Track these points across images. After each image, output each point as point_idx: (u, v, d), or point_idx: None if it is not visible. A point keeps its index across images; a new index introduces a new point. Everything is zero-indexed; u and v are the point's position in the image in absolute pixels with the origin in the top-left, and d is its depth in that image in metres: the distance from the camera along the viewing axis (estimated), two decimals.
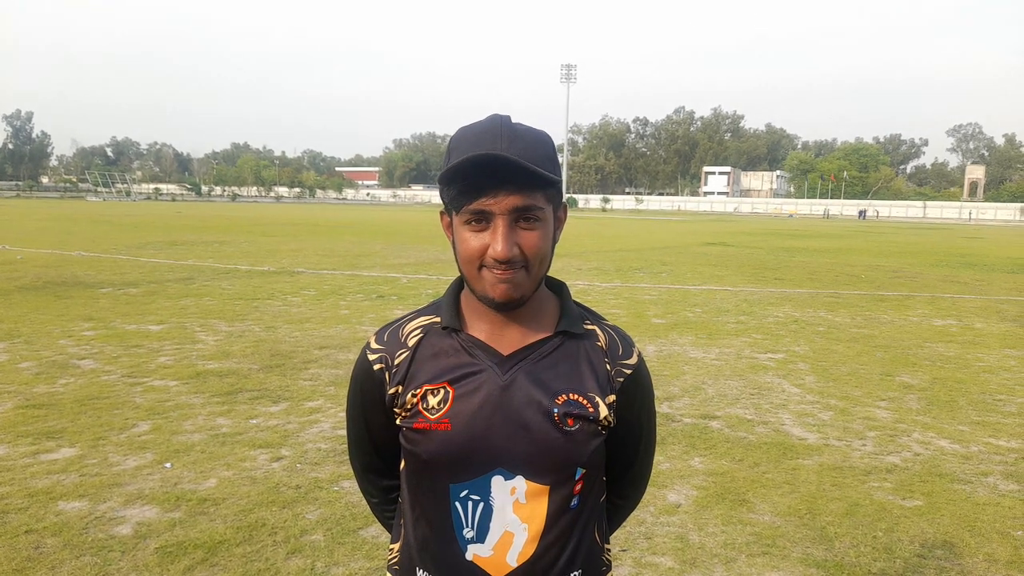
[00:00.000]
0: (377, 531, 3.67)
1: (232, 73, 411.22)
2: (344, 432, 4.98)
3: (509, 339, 1.23)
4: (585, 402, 1.21)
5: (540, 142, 1.15)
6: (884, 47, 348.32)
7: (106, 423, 5.20)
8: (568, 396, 1.20)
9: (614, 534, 1.46)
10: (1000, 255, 25.31)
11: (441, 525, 1.23)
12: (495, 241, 1.12)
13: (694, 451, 4.99)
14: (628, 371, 1.28)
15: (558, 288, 1.32)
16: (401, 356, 1.25)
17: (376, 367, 1.27)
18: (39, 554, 3.37)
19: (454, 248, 1.20)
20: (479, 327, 1.24)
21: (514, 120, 1.17)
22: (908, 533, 3.84)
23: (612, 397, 1.24)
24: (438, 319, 1.27)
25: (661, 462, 4.76)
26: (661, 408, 5.94)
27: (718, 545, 3.67)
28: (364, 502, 4.00)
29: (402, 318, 1.33)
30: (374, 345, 1.29)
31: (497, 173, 1.10)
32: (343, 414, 5.59)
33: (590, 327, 1.29)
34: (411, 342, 1.26)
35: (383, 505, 1.44)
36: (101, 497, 3.99)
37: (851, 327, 10.01)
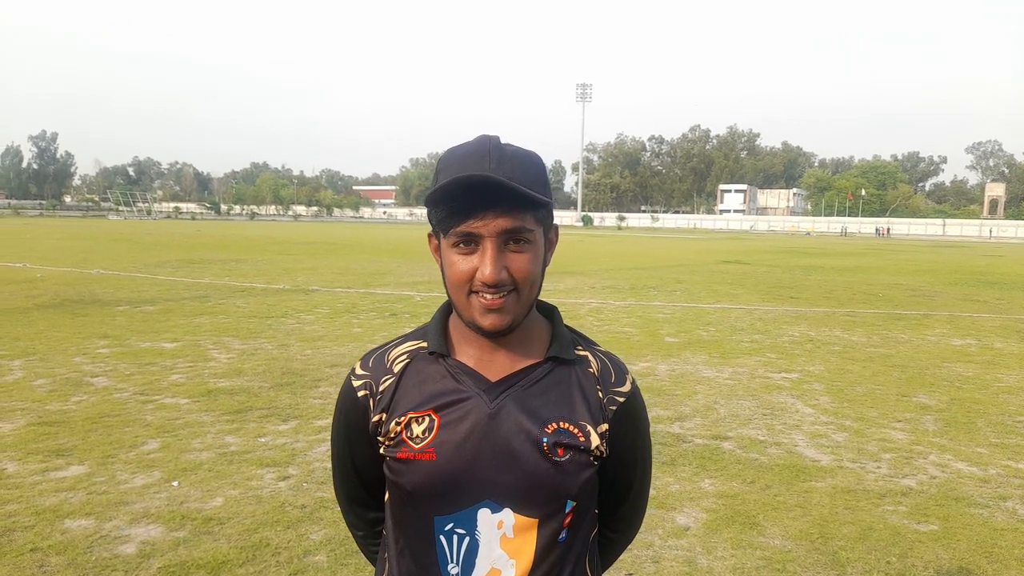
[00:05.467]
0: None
1: (252, 93, 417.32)
2: None
3: (498, 365, 1.19)
4: (576, 431, 1.17)
5: (529, 163, 1.12)
6: (901, 64, 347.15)
7: (116, 441, 5.22)
8: (558, 425, 1.16)
9: (608, 571, 1.40)
10: (1021, 273, 24.95)
11: (425, 560, 1.18)
12: (483, 264, 1.09)
13: (704, 472, 4.92)
14: (621, 399, 1.23)
15: (549, 312, 1.28)
16: (386, 382, 1.22)
17: (360, 393, 1.23)
18: (43, 572, 3.37)
19: (442, 271, 1.18)
20: (467, 352, 1.20)
21: (503, 140, 1.14)
22: (923, 559, 3.75)
23: (604, 426, 1.20)
24: (425, 344, 1.24)
25: (670, 483, 4.70)
26: (672, 428, 5.88)
27: (727, 569, 3.61)
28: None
29: (389, 343, 1.29)
30: (359, 371, 1.26)
31: (485, 195, 1.07)
32: None
33: (582, 353, 1.25)
34: (396, 368, 1.22)
35: (369, 539, 1.39)
36: (107, 515, 3.99)
37: (867, 347, 9.88)
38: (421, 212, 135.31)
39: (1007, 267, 28.65)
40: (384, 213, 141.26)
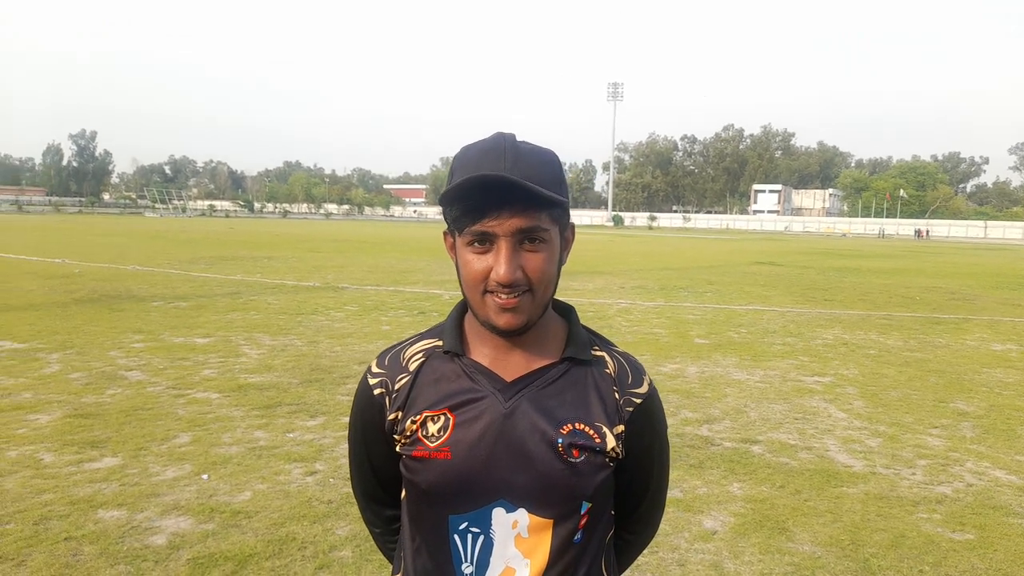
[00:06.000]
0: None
1: (286, 92, 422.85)
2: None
3: (513, 365, 1.18)
4: (591, 432, 1.16)
5: (544, 162, 1.11)
6: (941, 62, 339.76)
7: (148, 434, 5.31)
8: (574, 426, 1.15)
9: (625, 572, 1.39)
10: None
11: (440, 558, 1.18)
12: (498, 264, 1.08)
13: (733, 476, 4.85)
14: (638, 400, 1.22)
15: (566, 312, 1.26)
16: (402, 381, 1.22)
17: (376, 392, 1.23)
18: (76, 561, 3.44)
19: (457, 270, 1.17)
20: (482, 352, 1.20)
21: (519, 138, 1.13)
22: (957, 568, 3.65)
23: (620, 427, 1.19)
24: (441, 343, 1.24)
25: (698, 487, 4.64)
26: (701, 431, 5.81)
27: (754, 575, 3.55)
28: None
29: (404, 341, 1.29)
30: (375, 369, 1.26)
31: (500, 194, 1.06)
32: None
33: (598, 353, 1.24)
34: (412, 366, 1.23)
35: (386, 536, 1.40)
36: (139, 507, 4.06)
37: (904, 351, 9.67)
38: None
39: None
40: (414, 212, 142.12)
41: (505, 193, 1.06)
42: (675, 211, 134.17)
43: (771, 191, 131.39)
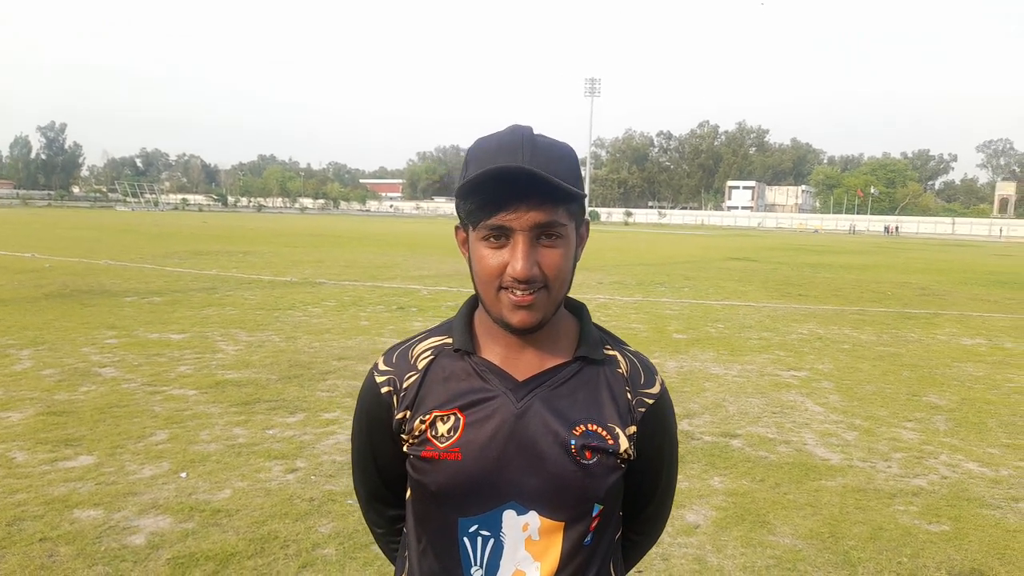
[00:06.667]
0: None
1: (261, 85, 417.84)
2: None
3: (525, 364, 1.16)
4: (604, 433, 1.14)
5: (563, 155, 1.09)
6: (911, 61, 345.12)
7: (124, 431, 5.22)
8: (586, 426, 1.13)
9: (629, 573, 1.38)
10: None
11: (448, 561, 1.16)
12: (514, 259, 1.06)
13: (714, 470, 4.90)
14: (650, 401, 1.20)
15: (577, 310, 1.24)
16: (410, 379, 1.19)
17: (384, 390, 1.20)
18: (52, 562, 3.37)
19: (470, 266, 1.15)
20: (493, 350, 1.18)
21: (536, 132, 1.11)
22: (934, 559, 3.72)
23: (633, 428, 1.17)
24: (450, 340, 1.21)
25: (680, 481, 4.65)
26: (681, 425, 5.85)
27: (737, 568, 3.58)
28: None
29: (412, 338, 1.26)
30: (382, 367, 1.23)
31: (518, 187, 1.04)
32: None
33: (611, 352, 1.22)
34: (421, 364, 1.20)
35: (389, 536, 1.37)
36: (116, 506, 4.00)
37: (877, 345, 9.82)
38: (427, 206, 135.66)
39: (1017, 266, 28.47)
40: (391, 206, 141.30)
41: (524, 186, 1.04)
42: (651, 207, 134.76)
43: (745, 187, 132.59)
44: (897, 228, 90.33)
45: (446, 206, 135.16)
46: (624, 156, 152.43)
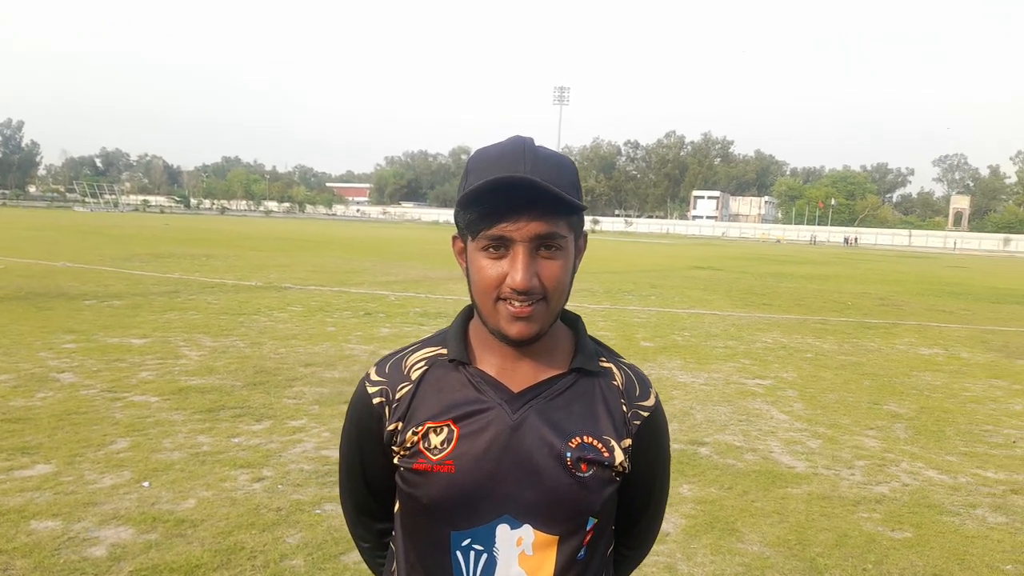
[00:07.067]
0: (360, 557, 3.58)
1: (225, 87, 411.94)
2: (328, 455, 4.91)
3: (520, 375, 1.15)
4: (600, 446, 1.13)
5: (564, 167, 1.09)
6: (871, 77, 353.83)
7: (83, 439, 5.08)
8: (582, 439, 1.12)
9: None
10: (984, 284, 25.55)
11: (439, 575, 1.14)
12: (514, 270, 1.05)
13: (683, 478, 4.93)
14: (645, 413, 1.20)
15: (572, 322, 1.24)
16: (403, 390, 1.17)
17: (376, 400, 1.18)
18: None
19: (467, 276, 1.13)
20: (489, 361, 1.16)
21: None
22: (898, 566, 3.80)
23: (628, 441, 1.16)
24: (444, 351, 1.19)
25: None
26: None
27: (706, 575, 3.61)
28: (346, 526, 3.93)
29: (406, 348, 1.24)
30: (374, 377, 1.21)
31: (520, 198, 1.03)
32: (327, 433, 5.45)
33: (606, 365, 1.21)
34: (415, 375, 1.18)
35: (376, 551, 1.35)
36: (75, 516, 3.88)
37: (839, 354, 10.01)
38: (395, 211, 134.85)
39: (971, 278, 29.30)
40: (358, 211, 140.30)
41: (525, 197, 1.03)
42: (618, 215, 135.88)
43: (710, 197, 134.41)
44: (856, 239, 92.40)
45: (413, 211, 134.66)
46: (592, 164, 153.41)
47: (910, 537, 4.16)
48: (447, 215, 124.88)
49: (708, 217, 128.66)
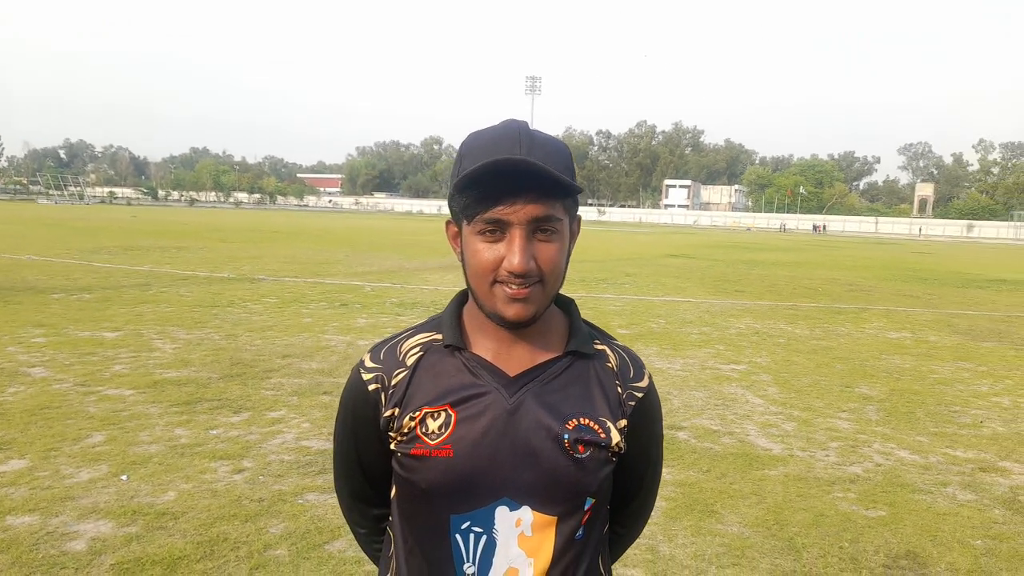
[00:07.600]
0: (344, 545, 3.59)
1: (192, 77, 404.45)
2: (309, 446, 4.90)
3: (516, 359, 1.15)
4: (596, 427, 1.14)
5: (559, 149, 1.09)
6: (839, 67, 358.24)
7: (58, 434, 5.00)
8: (579, 420, 1.13)
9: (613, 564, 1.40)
10: (949, 270, 26.11)
11: (439, 560, 1.14)
12: (511, 253, 1.05)
13: (663, 462, 4.99)
14: (639, 394, 1.22)
15: (566, 305, 1.24)
16: (399, 375, 1.17)
17: (371, 387, 1.18)
18: None
19: (462, 261, 1.13)
20: (484, 345, 1.17)
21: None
22: (873, 543, 3.89)
23: (623, 422, 1.18)
24: (439, 336, 1.19)
25: None
26: None
27: (688, 556, 3.67)
28: (330, 515, 3.93)
29: (400, 334, 1.24)
30: (369, 363, 1.20)
31: (516, 180, 1.03)
32: (307, 424, 5.43)
33: (600, 347, 1.23)
34: (410, 361, 1.18)
35: (372, 536, 1.35)
36: (53, 511, 3.83)
37: (811, 339, 10.18)
38: (367, 201, 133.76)
39: (936, 263, 29.92)
40: (330, 201, 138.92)
41: (522, 179, 1.03)
42: (590, 204, 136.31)
43: (681, 186, 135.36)
44: (824, 227, 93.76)
45: (386, 201, 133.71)
46: None
47: (884, 515, 4.27)
48: (420, 205, 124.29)
49: (680, 206, 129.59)
